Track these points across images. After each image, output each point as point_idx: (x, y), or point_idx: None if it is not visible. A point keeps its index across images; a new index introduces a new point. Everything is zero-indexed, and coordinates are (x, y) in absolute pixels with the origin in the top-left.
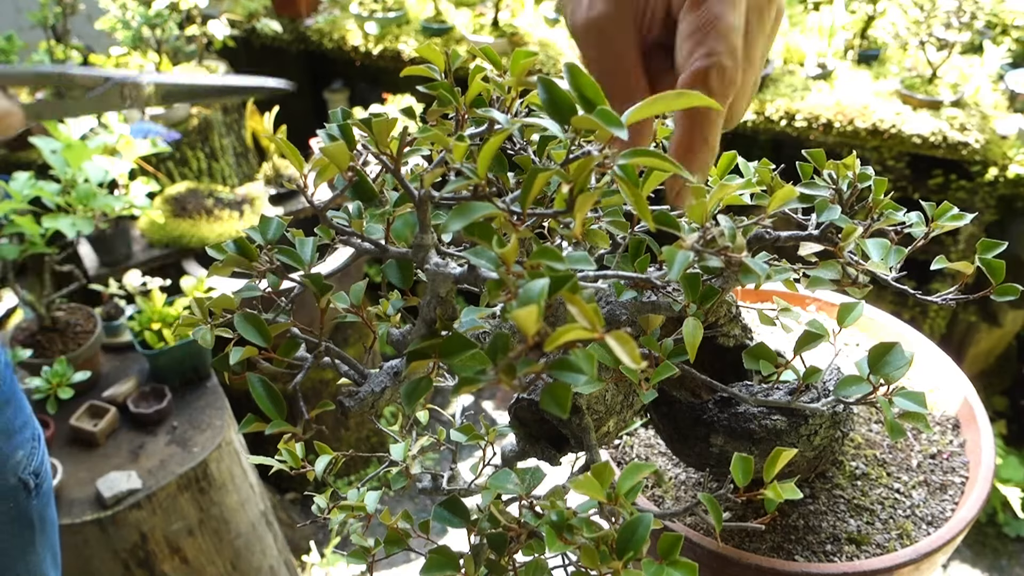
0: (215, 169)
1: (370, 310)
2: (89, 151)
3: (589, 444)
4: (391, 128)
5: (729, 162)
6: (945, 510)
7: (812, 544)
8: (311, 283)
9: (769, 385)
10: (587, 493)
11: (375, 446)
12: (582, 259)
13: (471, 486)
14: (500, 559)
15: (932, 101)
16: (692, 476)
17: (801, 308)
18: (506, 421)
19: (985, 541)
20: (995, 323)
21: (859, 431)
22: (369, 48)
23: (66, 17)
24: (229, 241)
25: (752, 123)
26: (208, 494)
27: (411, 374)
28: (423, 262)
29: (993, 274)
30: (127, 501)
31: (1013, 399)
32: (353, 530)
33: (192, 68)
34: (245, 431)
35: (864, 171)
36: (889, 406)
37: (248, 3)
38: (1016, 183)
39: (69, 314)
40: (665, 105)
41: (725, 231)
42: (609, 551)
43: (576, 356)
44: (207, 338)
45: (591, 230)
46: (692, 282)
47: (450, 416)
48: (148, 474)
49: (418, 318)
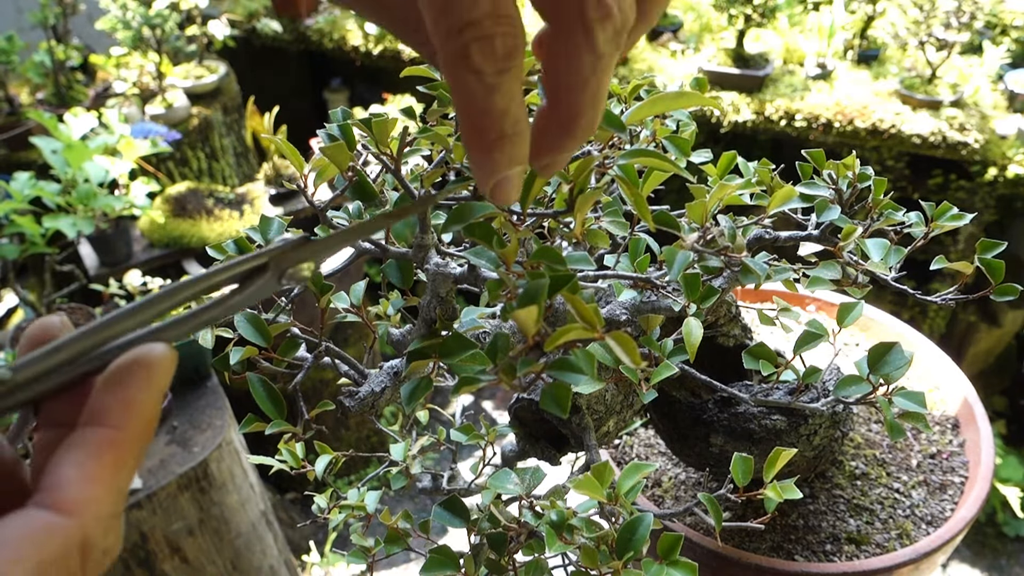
0: (215, 169)
1: (370, 310)
2: (90, 151)
3: (589, 444)
4: (391, 128)
5: (729, 162)
6: (945, 510)
7: (812, 544)
8: (311, 283)
9: (769, 385)
10: (587, 493)
11: (375, 446)
12: (582, 259)
13: (471, 486)
14: (500, 559)
15: (932, 101)
16: (692, 476)
17: (801, 308)
18: (506, 421)
19: (984, 541)
20: (995, 323)
21: (859, 431)
22: (369, 48)
23: (66, 17)
24: (229, 241)
25: (752, 123)
26: (208, 494)
27: (411, 374)
28: (423, 262)
29: (992, 274)
30: (127, 501)
31: (1013, 399)
32: (353, 530)
33: (192, 68)
34: (245, 431)
35: (864, 171)
36: (889, 406)
37: (248, 3)
38: (1015, 183)
39: (70, 314)
40: (665, 105)
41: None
42: (609, 551)
43: (576, 356)
44: (207, 338)
45: (591, 230)
46: (692, 282)
47: (450, 416)
48: (148, 474)
49: (418, 318)
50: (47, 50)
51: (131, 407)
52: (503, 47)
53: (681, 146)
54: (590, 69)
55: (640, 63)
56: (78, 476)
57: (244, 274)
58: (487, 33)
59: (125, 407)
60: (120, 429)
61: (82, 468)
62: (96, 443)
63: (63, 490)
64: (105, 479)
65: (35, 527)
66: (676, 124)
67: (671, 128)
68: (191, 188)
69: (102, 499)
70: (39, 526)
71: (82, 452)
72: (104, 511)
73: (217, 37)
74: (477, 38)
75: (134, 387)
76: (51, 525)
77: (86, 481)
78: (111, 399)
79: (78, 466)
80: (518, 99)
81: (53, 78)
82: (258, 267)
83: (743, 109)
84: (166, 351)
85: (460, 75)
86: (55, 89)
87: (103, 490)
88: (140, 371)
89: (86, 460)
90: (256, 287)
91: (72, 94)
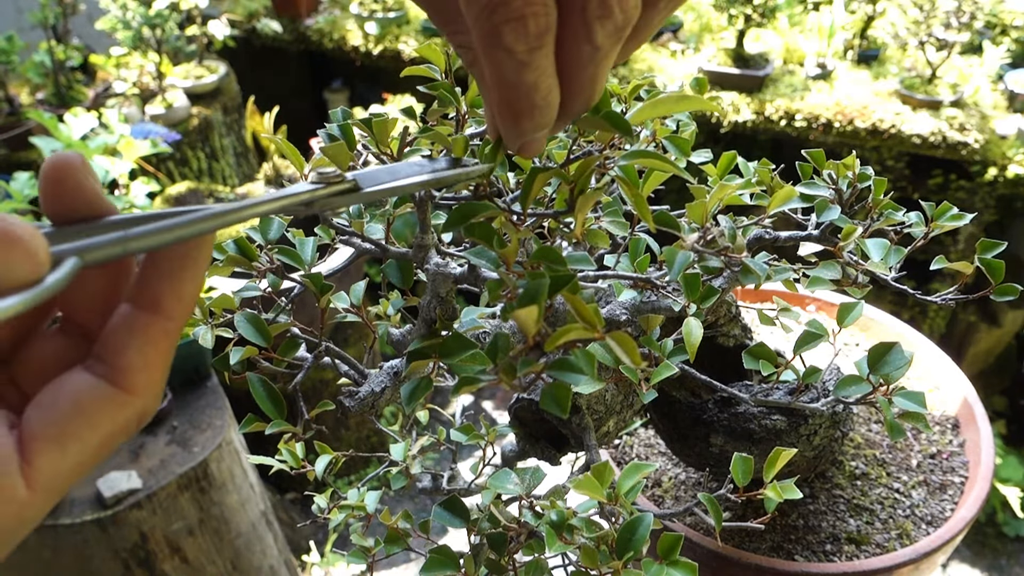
0: (215, 169)
1: (370, 310)
2: (90, 151)
3: (589, 444)
4: (391, 128)
5: (729, 162)
6: (945, 510)
7: (812, 544)
8: (311, 283)
9: (769, 385)
10: (587, 493)
11: (375, 446)
12: (582, 259)
13: (471, 486)
14: (500, 559)
15: (932, 101)
16: (692, 476)
17: (801, 308)
18: (506, 421)
19: (984, 541)
20: (995, 323)
21: (859, 431)
22: (369, 48)
23: (66, 17)
24: (229, 241)
25: (752, 123)
26: (208, 494)
27: (411, 374)
28: (423, 262)
29: (992, 274)
30: (127, 501)
31: (1013, 399)
32: (353, 530)
33: (192, 68)
34: (245, 431)
35: (864, 171)
36: (889, 406)
37: (248, 3)
38: (1015, 183)
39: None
40: (666, 108)
41: (725, 231)
42: (609, 551)
43: (576, 356)
44: (207, 338)
45: (591, 230)
46: (692, 282)
47: (450, 416)
48: (148, 474)
49: (418, 318)
50: (47, 50)
51: (183, 300)
52: (535, 27)
53: (681, 146)
54: (588, 58)
55: (640, 63)
56: (142, 363)
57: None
58: (519, 14)
59: (178, 300)
60: (172, 320)
61: (144, 355)
62: (154, 332)
63: (131, 375)
64: (160, 364)
65: (109, 401)
66: (676, 124)
67: (671, 128)
68: (191, 188)
69: (159, 380)
70: (113, 401)
71: (142, 339)
72: (159, 389)
73: (217, 37)
74: (508, 19)
75: (187, 281)
76: (122, 401)
77: (148, 368)
78: (167, 289)
79: (142, 354)
80: (549, 72)
81: (53, 78)
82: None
83: (743, 109)
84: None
85: (492, 53)
86: (55, 89)
87: (159, 372)
88: (190, 261)
89: (146, 347)
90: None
91: (72, 94)
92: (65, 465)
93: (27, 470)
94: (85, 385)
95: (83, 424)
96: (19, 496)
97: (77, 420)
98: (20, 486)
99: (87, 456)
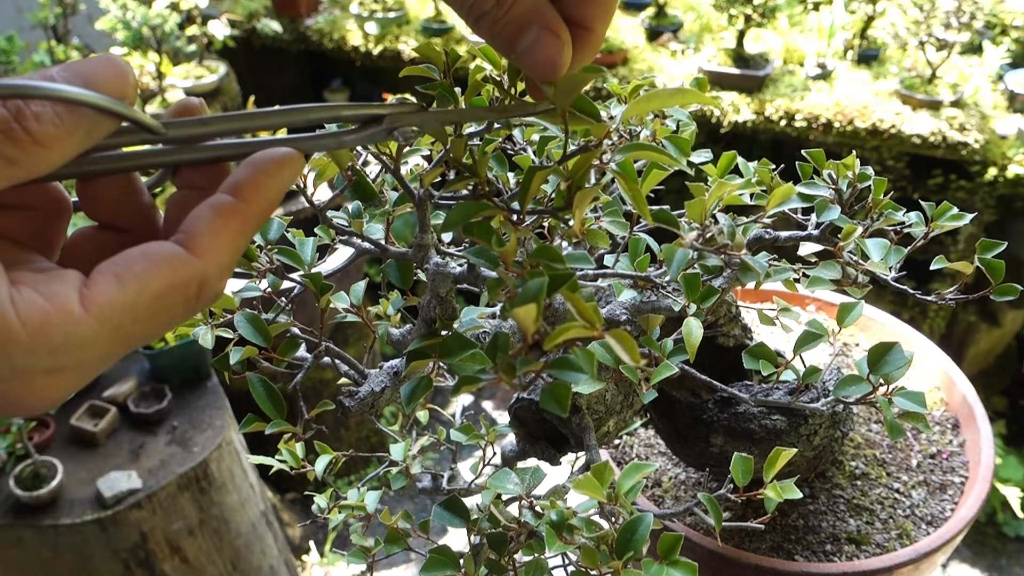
0: None
1: (370, 310)
2: None
3: (589, 444)
4: None
5: (729, 162)
6: (945, 510)
7: (812, 544)
8: (311, 283)
9: (769, 385)
10: (587, 493)
11: (375, 446)
12: (582, 258)
13: (471, 486)
14: (500, 559)
15: (932, 101)
16: (692, 476)
17: (801, 308)
18: (506, 421)
19: (984, 541)
20: (994, 323)
21: (859, 431)
22: (369, 48)
23: (66, 17)
24: None
25: (752, 123)
26: (208, 494)
27: (411, 374)
28: (423, 262)
29: (993, 274)
30: (127, 501)
31: (1013, 399)
32: (353, 530)
33: (192, 68)
34: (245, 431)
35: (864, 171)
36: (889, 406)
37: (248, 3)
38: (1015, 183)
39: None
40: (661, 102)
41: (724, 229)
42: (609, 551)
43: (576, 355)
44: (207, 338)
45: (590, 229)
46: (692, 282)
47: (450, 416)
48: (148, 474)
49: (418, 318)
50: (47, 50)
51: (260, 188)
52: None
53: (681, 146)
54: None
55: (640, 63)
56: (209, 230)
57: (363, 118)
58: None
59: (256, 187)
60: (247, 203)
61: (212, 224)
62: (227, 209)
63: (197, 237)
64: (228, 237)
65: (173, 255)
66: (676, 124)
67: (671, 128)
68: None
69: (223, 251)
70: (176, 256)
71: (214, 212)
72: (223, 261)
73: (217, 37)
74: None
75: (266, 173)
76: (184, 258)
77: (214, 235)
78: (246, 178)
79: (210, 223)
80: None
81: None
82: (376, 117)
83: (743, 109)
84: (296, 154)
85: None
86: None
87: (225, 245)
88: (273, 163)
89: (216, 219)
90: (369, 133)
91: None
92: (121, 298)
93: (84, 292)
94: (156, 243)
95: (145, 266)
96: (73, 310)
97: (141, 262)
98: (74, 302)
99: (143, 300)
